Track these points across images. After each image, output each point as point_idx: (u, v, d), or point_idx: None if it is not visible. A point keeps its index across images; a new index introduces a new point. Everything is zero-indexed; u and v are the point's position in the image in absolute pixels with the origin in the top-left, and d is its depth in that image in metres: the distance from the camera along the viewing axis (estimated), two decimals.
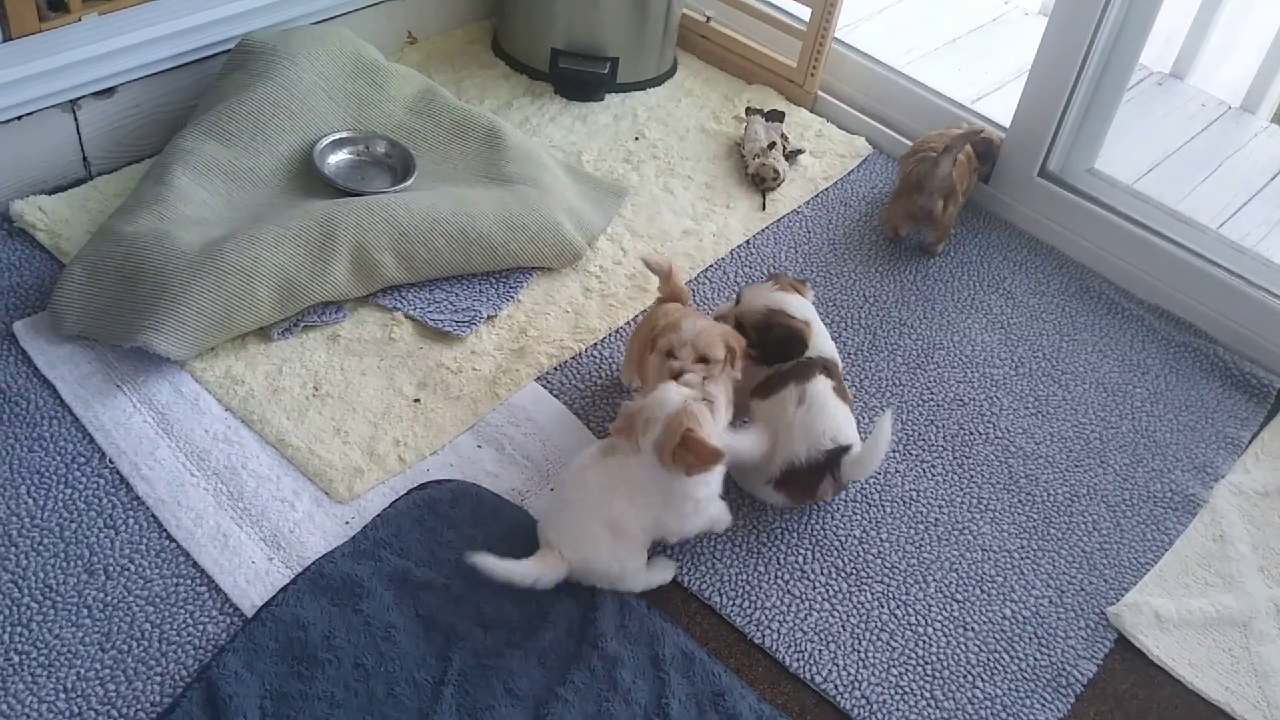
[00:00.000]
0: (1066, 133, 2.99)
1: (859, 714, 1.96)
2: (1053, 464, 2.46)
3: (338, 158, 2.77)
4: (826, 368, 2.24)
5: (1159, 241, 2.89)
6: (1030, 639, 2.12)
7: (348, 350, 2.42)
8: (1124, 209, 2.96)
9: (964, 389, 2.59)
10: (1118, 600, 2.20)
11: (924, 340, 2.70)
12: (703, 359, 2.06)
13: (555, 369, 2.47)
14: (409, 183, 2.72)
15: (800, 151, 3.17)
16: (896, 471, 2.38)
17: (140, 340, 2.25)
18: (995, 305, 2.83)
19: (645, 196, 2.97)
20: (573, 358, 2.50)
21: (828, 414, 2.18)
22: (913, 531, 2.27)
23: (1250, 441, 2.59)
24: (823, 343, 2.28)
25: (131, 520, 2.07)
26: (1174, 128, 3.73)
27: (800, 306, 2.27)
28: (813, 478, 2.17)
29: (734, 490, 2.25)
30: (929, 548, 2.24)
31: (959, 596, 2.17)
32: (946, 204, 2.83)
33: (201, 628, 1.93)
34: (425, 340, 2.47)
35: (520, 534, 2.10)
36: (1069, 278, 2.95)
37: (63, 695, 1.81)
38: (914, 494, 2.33)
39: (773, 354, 2.23)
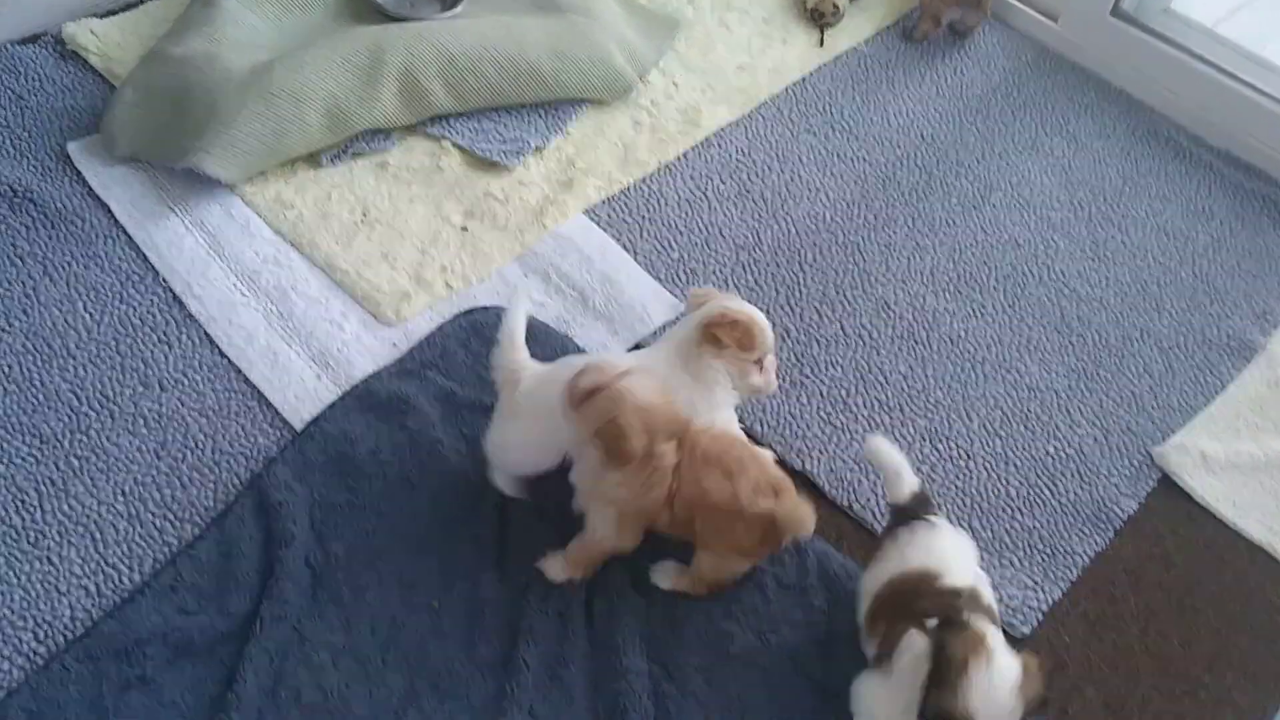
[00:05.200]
0: None
1: None
2: (1107, 307, 2.41)
3: None
4: None
5: (1235, 85, 2.76)
6: (1072, 475, 2.11)
7: (396, 178, 2.41)
8: (1200, 51, 2.83)
9: (1020, 231, 2.53)
10: (1164, 441, 2.18)
11: (981, 182, 2.63)
12: None
13: (603, 202, 2.44)
14: (458, 10, 2.67)
15: None
16: (945, 310, 2.35)
17: (191, 162, 2.26)
18: (1058, 148, 2.74)
19: (699, 30, 2.89)
20: (621, 191, 2.47)
21: None
22: (959, 369, 2.25)
23: None
24: None
25: (185, 337, 2.11)
26: None
27: None
28: None
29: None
30: (974, 385, 2.23)
31: (1002, 432, 2.16)
32: None
33: (253, 440, 1.99)
34: (473, 169, 2.46)
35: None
36: (1137, 121, 2.84)
37: (120, 498, 1.89)
38: (962, 333, 2.31)
39: None
